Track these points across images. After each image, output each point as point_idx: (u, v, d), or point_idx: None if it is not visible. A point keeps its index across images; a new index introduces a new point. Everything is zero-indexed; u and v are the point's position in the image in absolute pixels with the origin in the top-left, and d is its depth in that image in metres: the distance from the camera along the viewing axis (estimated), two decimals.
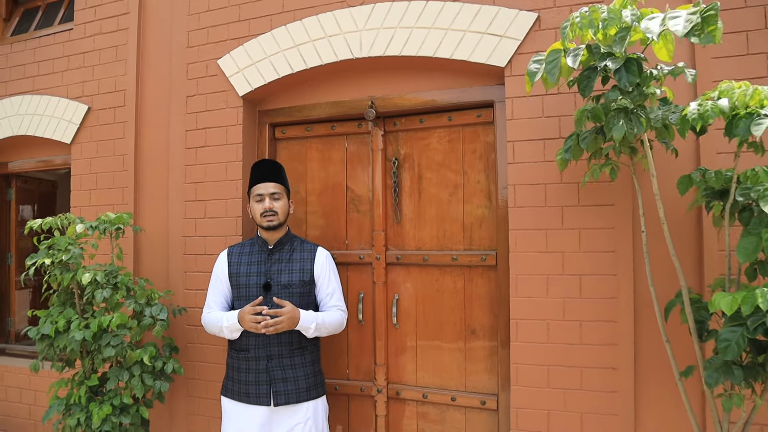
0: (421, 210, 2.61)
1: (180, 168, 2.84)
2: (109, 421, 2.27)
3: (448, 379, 2.53)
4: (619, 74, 1.49)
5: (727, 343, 1.39)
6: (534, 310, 2.18)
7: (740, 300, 1.34)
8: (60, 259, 2.27)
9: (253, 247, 2.36)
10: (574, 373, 2.11)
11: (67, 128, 3.12)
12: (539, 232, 2.18)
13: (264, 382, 2.21)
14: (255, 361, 2.22)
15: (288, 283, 2.28)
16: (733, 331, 1.40)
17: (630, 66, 1.50)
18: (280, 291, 2.25)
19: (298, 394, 2.22)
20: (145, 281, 2.54)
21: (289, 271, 2.31)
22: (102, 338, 2.28)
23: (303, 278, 2.30)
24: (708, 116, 1.37)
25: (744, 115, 1.39)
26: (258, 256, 2.33)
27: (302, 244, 2.40)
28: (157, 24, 2.96)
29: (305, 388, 2.25)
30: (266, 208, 2.26)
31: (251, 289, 2.27)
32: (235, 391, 2.26)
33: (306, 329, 2.21)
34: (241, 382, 2.24)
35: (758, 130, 1.30)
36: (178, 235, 2.82)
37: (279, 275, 2.29)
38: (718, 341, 1.41)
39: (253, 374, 2.22)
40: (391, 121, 2.66)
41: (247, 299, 2.24)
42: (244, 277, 2.30)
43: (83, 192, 3.08)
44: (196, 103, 2.82)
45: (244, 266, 2.32)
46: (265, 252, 2.33)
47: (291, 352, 2.25)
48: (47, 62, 3.24)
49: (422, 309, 2.60)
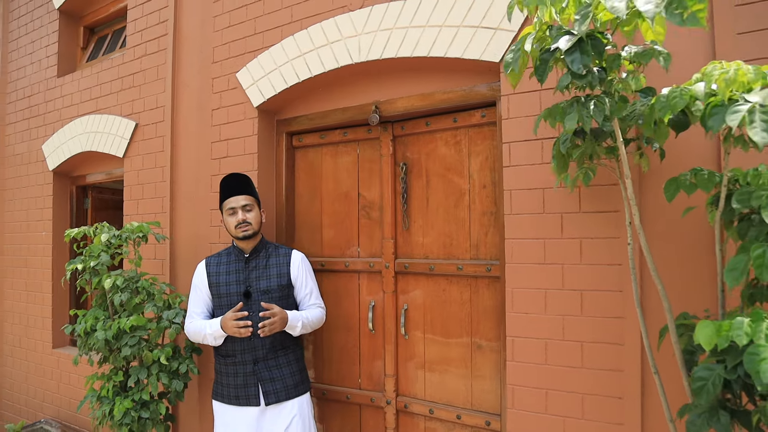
0: (429, 216, 2.50)
1: (207, 178, 2.98)
2: (129, 415, 2.44)
3: (454, 395, 2.40)
4: (571, 56, 1.29)
5: (702, 382, 1.15)
6: (531, 327, 1.98)
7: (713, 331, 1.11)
8: (89, 265, 2.48)
9: (230, 256, 2.44)
10: (575, 400, 1.89)
11: (120, 143, 3.42)
12: (537, 242, 1.98)
13: (252, 383, 2.29)
14: (242, 365, 2.30)
15: (267, 289, 2.34)
16: (709, 369, 1.16)
17: (584, 46, 1.29)
18: (260, 297, 2.32)
19: (287, 391, 2.32)
20: (167, 286, 2.70)
21: (267, 276, 2.37)
22: (122, 338, 2.45)
23: (281, 282, 2.37)
24: (676, 105, 1.14)
25: (717, 101, 1.14)
26: (236, 265, 2.40)
27: (277, 249, 2.46)
28: (188, 42, 3.14)
29: (292, 385, 2.34)
30: (240, 220, 2.33)
31: (232, 298, 2.34)
32: (225, 394, 2.34)
33: (293, 328, 2.30)
34: (230, 386, 2.32)
35: (734, 119, 1.05)
36: (206, 242, 2.96)
37: (258, 282, 2.35)
38: (693, 380, 1.17)
39: (241, 377, 2.30)
40: (399, 125, 2.57)
41: (228, 307, 2.32)
42: (224, 286, 2.36)
43: (132, 201, 3.36)
44: (220, 115, 2.94)
45: (223, 276, 2.38)
46: (242, 261, 2.40)
47: (275, 353, 2.33)
48: (107, 84, 3.58)
49: (430, 320, 2.48)
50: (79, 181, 4.05)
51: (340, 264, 2.73)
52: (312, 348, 2.84)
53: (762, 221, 1.15)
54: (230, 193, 2.37)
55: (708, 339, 1.12)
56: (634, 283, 1.53)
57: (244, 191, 2.39)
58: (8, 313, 4.31)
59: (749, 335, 1.05)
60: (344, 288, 2.74)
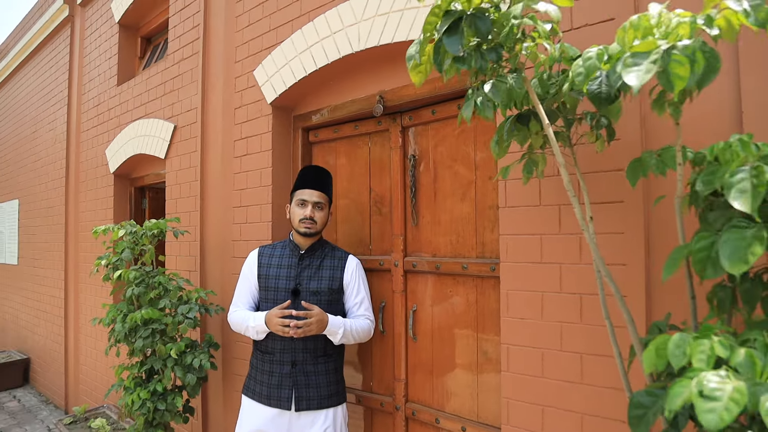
0: (436, 211, 2.34)
1: (230, 176, 3.03)
2: (145, 406, 2.52)
3: (461, 404, 2.21)
4: (450, 38, 1.09)
5: (640, 411, 0.92)
6: (527, 334, 1.76)
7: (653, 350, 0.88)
8: (111, 260, 2.60)
9: (284, 250, 2.33)
10: (573, 421, 1.64)
11: (162, 145, 3.58)
12: (533, 238, 1.75)
13: (287, 386, 2.18)
14: (279, 365, 2.20)
15: (317, 290, 2.23)
16: (653, 396, 0.92)
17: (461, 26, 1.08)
18: (308, 297, 2.21)
19: (319, 400, 2.19)
20: (185, 281, 2.76)
21: (318, 277, 2.26)
22: (138, 331, 2.55)
23: (332, 286, 2.25)
24: (592, 69, 0.92)
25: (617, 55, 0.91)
26: (289, 260, 2.29)
27: (333, 251, 2.34)
28: (215, 44, 3.21)
29: (327, 395, 2.21)
30: (307, 215, 2.23)
31: (280, 293, 2.23)
32: (257, 391, 2.24)
33: (334, 334, 2.15)
34: (263, 384, 2.23)
35: (631, 78, 0.82)
36: (228, 239, 3.01)
37: (308, 281, 2.24)
38: (630, 406, 0.94)
39: (276, 377, 2.20)
40: (407, 115, 2.43)
41: (275, 302, 2.21)
42: (273, 279, 2.26)
43: (172, 201, 3.50)
44: (241, 114, 2.98)
45: (274, 268, 2.28)
46: (296, 256, 2.29)
47: (315, 359, 2.21)
48: (153, 89, 3.78)
49: (437, 322, 2.32)
50: (137, 183, 4.32)
51: None
52: None
53: (726, 204, 0.89)
54: (308, 184, 2.28)
55: (649, 360, 0.89)
56: (600, 289, 1.28)
57: (322, 188, 2.30)
58: (83, 305, 4.71)
59: (687, 356, 0.82)
60: None
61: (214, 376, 3.02)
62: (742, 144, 0.95)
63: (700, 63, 0.80)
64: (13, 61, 6.38)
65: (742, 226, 0.91)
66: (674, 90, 0.85)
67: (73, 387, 4.91)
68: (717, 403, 0.73)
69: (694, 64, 0.79)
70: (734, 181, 0.86)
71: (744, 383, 0.74)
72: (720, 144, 0.97)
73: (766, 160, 0.91)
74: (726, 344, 0.86)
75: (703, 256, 0.94)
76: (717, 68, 0.85)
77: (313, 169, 2.36)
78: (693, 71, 0.80)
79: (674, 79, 0.84)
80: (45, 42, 5.63)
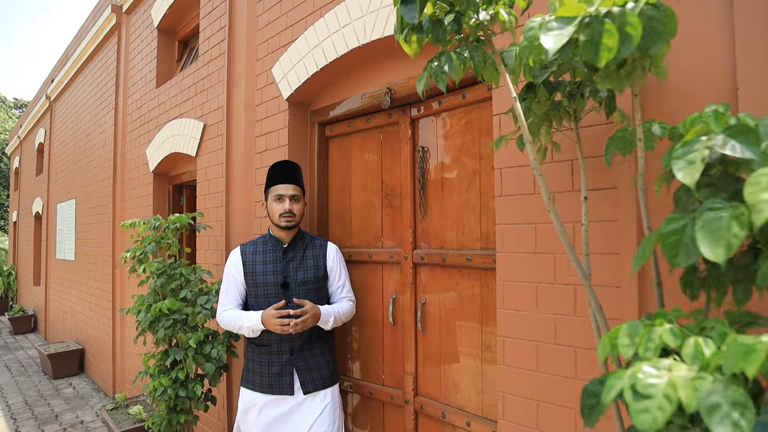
0: (443, 203, 2.31)
1: (252, 172, 3.11)
2: (167, 393, 2.63)
3: (467, 399, 2.17)
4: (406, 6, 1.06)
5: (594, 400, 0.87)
6: (522, 326, 1.71)
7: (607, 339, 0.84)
8: (136, 253, 2.73)
9: (266, 245, 2.41)
10: (567, 417, 1.58)
11: (194, 144, 3.72)
12: (528, 228, 1.70)
13: (287, 373, 2.28)
14: (278, 355, 2.30)
15: (304, 280, 2.32)
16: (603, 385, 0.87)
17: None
18: (297, 288, 2.30)
19: (323, 380, 2.32)
20: (207, 273, 2.86)
21: (304, 268, 2.35)
22: (160, 321, 2.66)
23: (318, 274, 2.36)
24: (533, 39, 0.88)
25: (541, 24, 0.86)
26: (273, 255, 2.37)
27: (312, 241, 2.42)
28: (239, 43, 3.30)
29: (328, 374, 2.35)
30: (286, 209, 2.31)
31: (269, 288, 2.32)
32: (257, 382, 2.33)
33: (325, 323, 2.29)
34: (263, 375, 2.31)
35: (547, 40, 0.78)
36: (251, 233, 3.09)
37: (295, 273, 2.33)
38: (582, 395, 0.89)
39: (276, 367, 2.30)
40: (416, 107, 2.42)
41: (266, 297, 2.31)
42: (261, 276, 2.34)
43: (202, 197, 3.63)
44: (261, 110, 3.05)
45: (259, 265, 2.36)
46: (279, 251, 2.37)
47: (311, 343, 2.33)
48: (186, 90, 3.93)
49: (445, 316, 2.29)
50: (175, 180, 4.51)
51: (365, 255, 2.65)
52: (340, 340, 2.79)
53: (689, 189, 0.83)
54: (281, 179, 2.35)
55: (603, 349, 0.85)
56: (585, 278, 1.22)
57: (295, 181, 2.37)
58: (126, 298, 4.96)
59: (635, 345, 0.77)
60: (370, 279, 2.65)
61: (237, 365, 3.11)
62: (715, 116, 0.88)
63: (636, 29, 0.75)
64: (71, 68, 6.82)
65: (717, 207, 0.84)
66: (600, 63, 0.80)
67: (119, 376, 5.18)
68: (650, 402, 0.67)
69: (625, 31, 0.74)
70: (682, 152, 0.80)
71: (683, 376, 0.68)
72: (693, 116, 0.91)
73: (730, 131, 0.84)
74: (677, 333, 0.80)
75: (674, 240, 0.87)
76: (664, 33, 0.79)
77: (284, 163, 2.41)
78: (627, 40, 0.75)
79: (602, 51, 0.80)
80: (97, 49, 5.98)
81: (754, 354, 0.64)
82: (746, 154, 0.79)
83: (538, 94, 1.25)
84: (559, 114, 1.30)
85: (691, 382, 0.67)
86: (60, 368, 6.18)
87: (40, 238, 9.31)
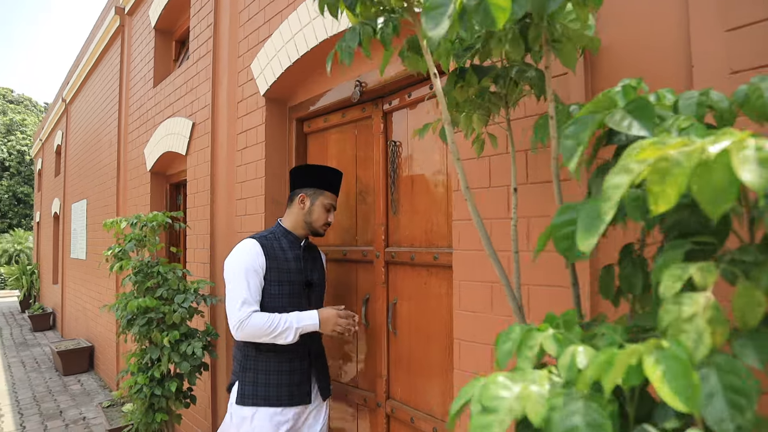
0: (413, 199, 2.23)
1: (233, 169, 3.08)
2: (142, 391, 2.62)
3: (434, 404, 2.09)
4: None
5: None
6: (478, 329, 1.62)
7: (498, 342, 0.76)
8: (115, 251, 2.73)
9: (282, 241, 2.17)
10: None
11: (183, 142, 3.72)
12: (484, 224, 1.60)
13: (306, 381, 2.13)
14: (299, 360, 2.12)
15: (319, 282, 2.28)
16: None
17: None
18: (316, 289, 2.25)
19: (329, 387, 2.28)
20: (186, 272, 2.84)
21: (318, 269, 2.29)
22: (136, 319, 2.65)
23: (323, 276, 2.33)
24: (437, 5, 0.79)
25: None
26: (294, 252, 2.17)
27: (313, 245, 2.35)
28: (222, 40, 3.28)
29: (330, 377, 2.32)
30: (330, 221, 2.21)
31: (294, 287, 2.11)
32: (274, 396, 2.05)
33: None
34: (281, 386, 2.07)
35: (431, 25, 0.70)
36: (233, 231, 3.06)
37: (311, 273, 2.23)
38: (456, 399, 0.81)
39: (297, 375, 2.10)
40: (388, 100, 2.34)
41: (290, 296, 2.09)
42: (286, 273, 2.11)
43: (191, 195, 3.63)
44: (242, 107, 3.02)
45: (282, 261, 2.12)
46: (298, 248, 2.19)
47: (320, 346, 2.28)
48: (178, 89, 3.94)
49: (414, 316, 2.21)
50: (172, 179, 4.52)
51: (339, 253, 2.59)
52: None
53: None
54: (336, 189, 2.23)
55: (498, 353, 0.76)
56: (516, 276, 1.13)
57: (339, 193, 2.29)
58: None
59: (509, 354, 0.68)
60: (345, 279, 2.59)
61: (221, 365, 3.08)
62: (624, 90, 0.79)
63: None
64: (82, 70, 6.95)
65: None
66: (497, 25, 0.72)
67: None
68: (492, 417, 0.58)
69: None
70: (570, 132, 0.72)
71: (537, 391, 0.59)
72: (606, 91, 0.81)
73: (630, 107, 0.75)
74: (560, 339, 0.71)
75: (566, 232, 0.78)
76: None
77: (340, 173, 2.28)
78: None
79: (495, 12, 0.72)
80: (104, 51, 6.07)
81: (611, 367, 0.55)
82: (641, 131, 0.70)
83: (466, 78, 1.18)
84: (493, 101, 1.22)
85: (548, 400, 0.58)
86: (70, 365, 6.29)
87: (57, 238, 9.53)
